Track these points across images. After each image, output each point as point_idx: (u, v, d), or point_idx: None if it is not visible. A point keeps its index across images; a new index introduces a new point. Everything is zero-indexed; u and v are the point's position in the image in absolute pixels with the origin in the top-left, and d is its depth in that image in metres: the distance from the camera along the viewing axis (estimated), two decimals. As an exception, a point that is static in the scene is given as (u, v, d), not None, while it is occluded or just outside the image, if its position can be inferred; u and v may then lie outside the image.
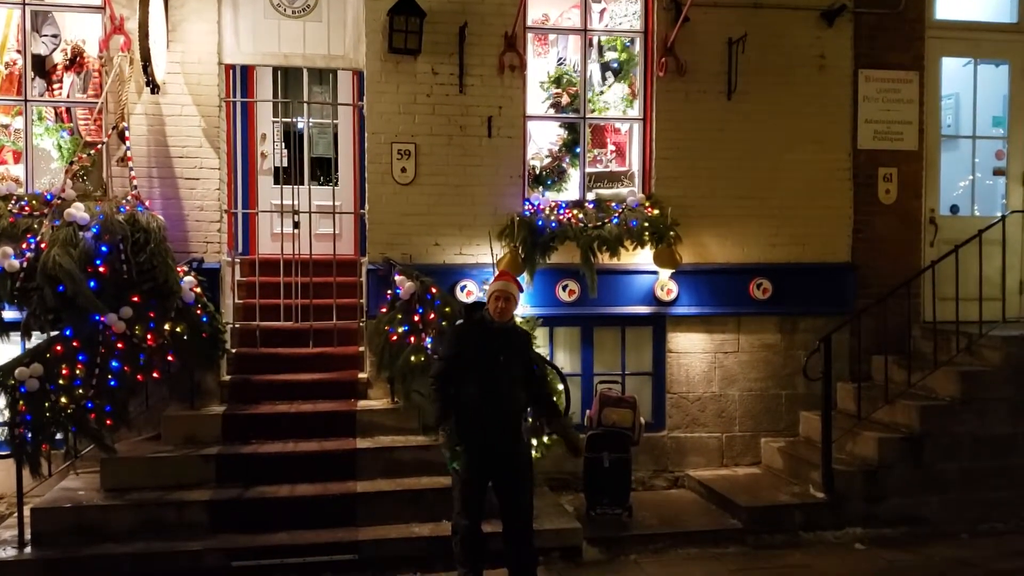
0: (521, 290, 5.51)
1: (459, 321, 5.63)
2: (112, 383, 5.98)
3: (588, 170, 7.97)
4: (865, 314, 7.39)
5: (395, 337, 6.69)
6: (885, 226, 8.10)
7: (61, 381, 5.77)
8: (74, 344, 5.86)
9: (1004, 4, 8.46)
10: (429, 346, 6.51)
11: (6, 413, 5.66)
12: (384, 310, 6.90)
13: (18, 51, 7.24)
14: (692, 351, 7.90)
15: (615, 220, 7.40)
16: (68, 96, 7.38)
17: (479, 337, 5.20)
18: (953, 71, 8.54)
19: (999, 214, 7.86)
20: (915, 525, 6.79)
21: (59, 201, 6.41)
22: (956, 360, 7.23)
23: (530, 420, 6.43)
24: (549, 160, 8.18)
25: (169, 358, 6.42)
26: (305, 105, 8.00)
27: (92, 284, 5.88)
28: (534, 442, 6.45)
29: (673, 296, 7.70)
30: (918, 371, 7.23)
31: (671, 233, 7.43)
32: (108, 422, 6.01)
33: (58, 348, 5.82)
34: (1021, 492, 7.01)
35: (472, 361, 5.15)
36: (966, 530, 6.78)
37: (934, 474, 6.92)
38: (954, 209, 8.53)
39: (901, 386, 7.22)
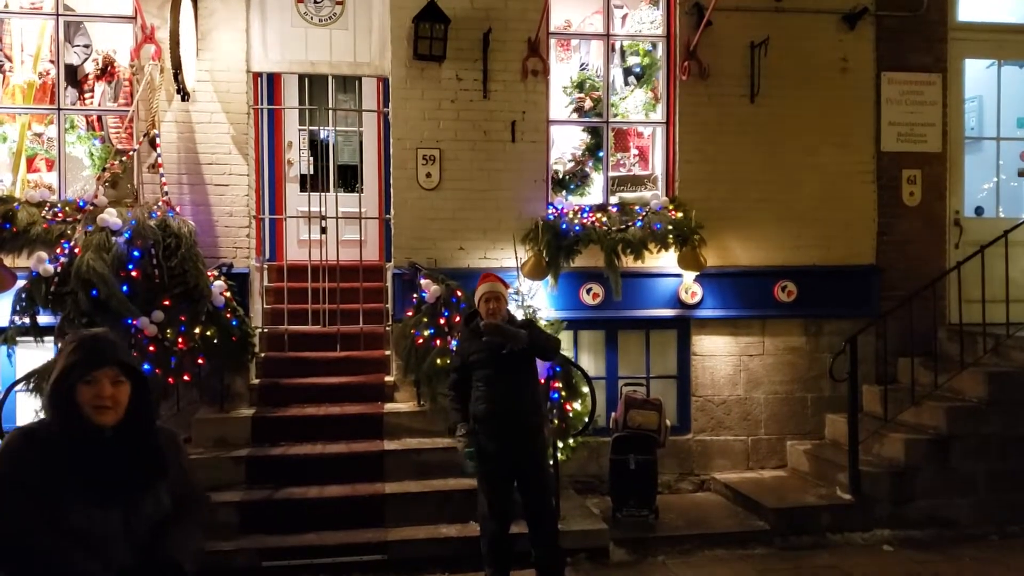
0: (507, 287, 5.58)
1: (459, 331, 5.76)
2: (143, 386, 6.04)
3: (611, 174, 8.00)
4: (890, 316, 7.37)
5: (421, 340, 6.73)
6: (909, 228, 8.08)
7: (94, 384, 5.84)
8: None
9: (1027, 4, 8.44)
10: (455, 349, 6.55)
11: (41, 415, 5.73)
12: (410, 314, 6.96)
13: (51, 61, 7.40)
14: (717, 354, 7.91)
15: (639, 223, 7.42)
16: (99, 105, 7.52)
17: (475, 343, 5.30)
18: (976, 72, 8.52)
19: (1024, 215, 7.84)
20: (943, 527, 6.76)
21: (92, 207, 6.53)
22: (983, 361, 7.20)
23: (555, 422, 6.47)
24: (572, 164, 8.23)
25: (199, 361, 6.50)
26: (331, 112, 8.10)
27: (124, 288, 5.99)
28: (560, 444, 6.47)
29: (697, 299, 7.71)
30: (944, 372, 7.19)
31: (695, 236, 7.44)
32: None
33: (91, 351, 5.89)
34: (1051, 494, 6.97)
35: (477, 368, 5.27)
36: (995, 532, 6.74)
37: (962, 476, 6.88)
38: (979, 211, 8.50)
39: (927, 388, 7.19)
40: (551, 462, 5.83)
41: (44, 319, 6.21)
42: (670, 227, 7.42)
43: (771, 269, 7.87)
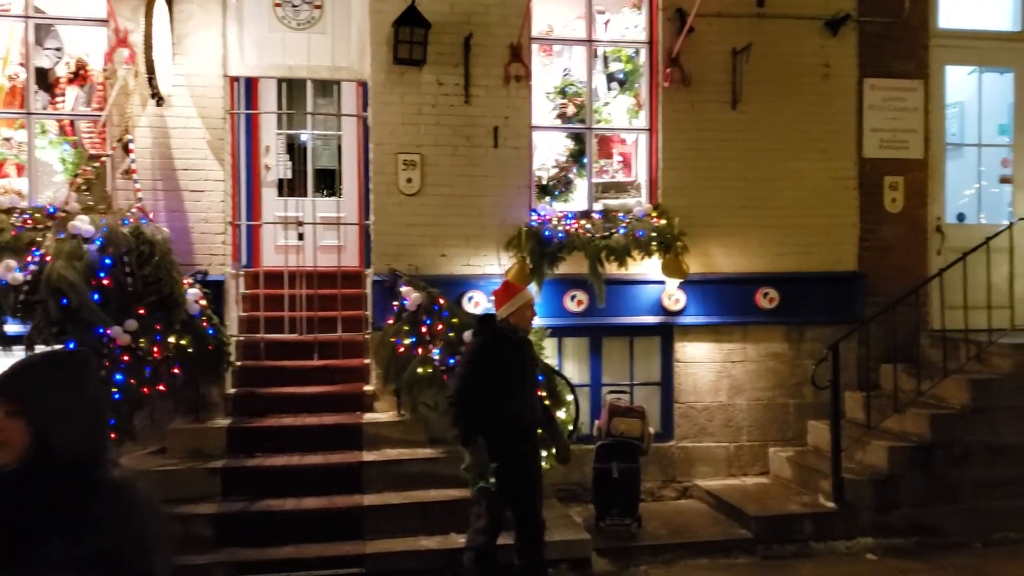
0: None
1: (467, 333, 5.58)
2: (116, 396, 5.90)
3: (595, 180, 7.95)
4: (873, 323, 7.35)
5: (402, 349, 6.64)
6: (892, 234, 8.06)
7: (65, 395, 5.70)
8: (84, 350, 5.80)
9: (1008, 12, 8.45)
10: (437, 358, 6.47)
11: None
12: (390, 322, 6.87)
13: (21, 64, 7.25)
14: (700, 361, 7.85)
15: (622, 230, 7.38)
16: (72, 109, 7.39)
17: (505, 350, 5.15)
18: (958, 79, 8.52)
19: (1006, 222, 7.81)
20: (927, 535, 6.73)
21: (63, 214, 6.39)
22: (966, 368, 7.19)
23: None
24: (556, 170, 8.16)
25: (174, 371, 6.37)
26: (309, 116, 7.99)
27: (96, 297, 5.83)
28: (543, 452, 6.38)
29: (681, 306, 7.66)
30: (927, 379, 7.18)
31: (678, 243, 7.41)
32: (112, 436, 5.95)
33: (62, 361, 5.76)
34: (1034, 501, 6.96)
35: (499, 374, 5.07)
36: (979, 540, 6.71)
37: (945, 483, 6.86)
38: (960, 217, 8.51)
39: (910, 395, 7.17)
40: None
41: (12, 328, 6.07)
42: (653, 234, 7.38)
43: (754, 276, 7.83)
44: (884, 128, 8.04)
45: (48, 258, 5.85)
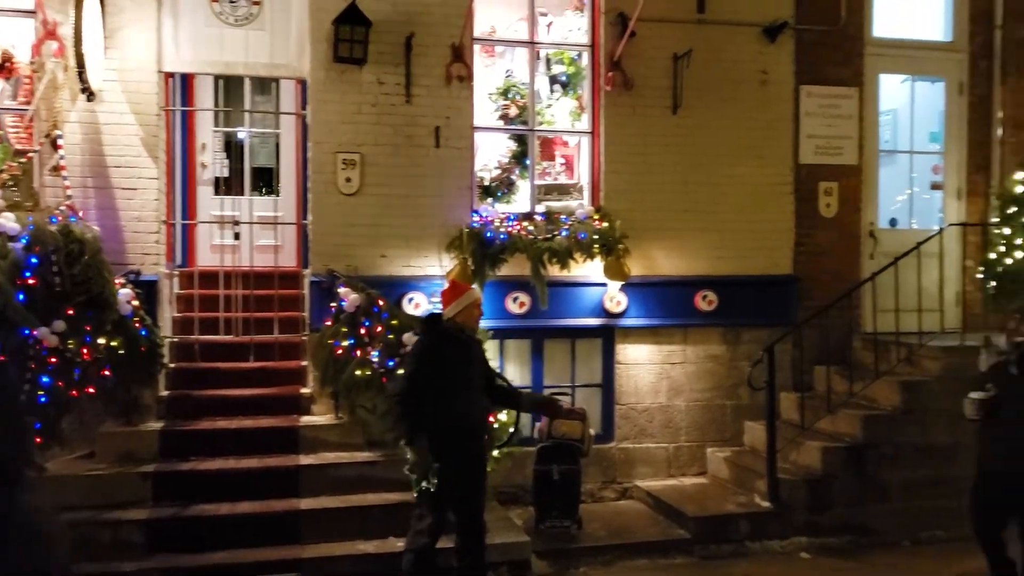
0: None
1: (407, 335, 5.52)
2: (42, 399, 5.71)
3: (537, 182, 7.97)
4: (807, 325, 7.50)
5: (340, 351, 6.56)
6: (826, 239, 8.23)
7: (-13, 398, 5.50)
8: (1, 359, 5.61)
9: (939, 23, 8.68)
10: (375, 360, 6.39)
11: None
12: (328, 323, 6.76)
13: (-57, 56, 6.97)
14: (640, 362, 7.91)
15: (564, 232, 7.39)
16: (-3, 102, 7.12)
17: (453, 349, 5.14)
18: (892, 87, 8.74)
19: (936, 227, 8.02)
20: (859, 534, 6.88)
21: (-14, 211, 6.16)
22: (896, 370, 7.35)
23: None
24: (498, 172, 8.15)
25: (105, 373, 6.18)
26: (247, 114, 7.85)
27: (21, 296, 5.63)
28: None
29: (622, 308, 7.71)
30: (859, 381, 7.34)
31: (620, 246, 7.46)
32: (38, 440, 5.74)
33: (-16, 363, 5.56)
34: (961, 501, 7.09)
35: (444, 374, 5.05)
36: (908, 539, 6.88)
37: (877, 483, 7.01)
38: (893, 222, 8.72)
39: (843, 396, 7.31)
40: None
41: (-69, 329, 5.82)
42: (595, 237, 7.41)
43: (693, 279, 7.92)
44: (820, 135, 8.19)
45: (-30, 257, 5.64)
